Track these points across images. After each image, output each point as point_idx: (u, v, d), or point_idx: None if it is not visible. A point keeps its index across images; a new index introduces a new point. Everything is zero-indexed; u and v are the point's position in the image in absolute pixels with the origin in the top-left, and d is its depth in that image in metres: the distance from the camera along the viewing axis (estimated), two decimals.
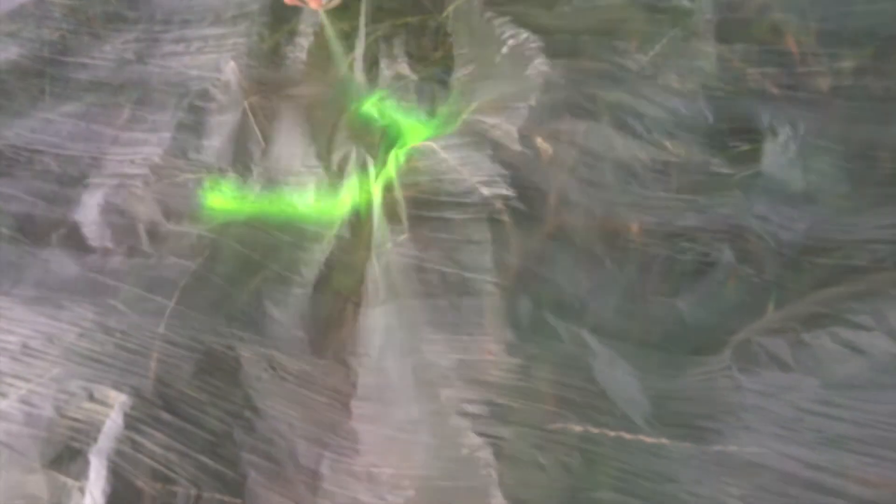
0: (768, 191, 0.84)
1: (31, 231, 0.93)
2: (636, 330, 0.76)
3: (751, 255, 0.80)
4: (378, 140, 1.01)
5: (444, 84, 1.07)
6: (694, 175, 0.87)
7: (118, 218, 0.93)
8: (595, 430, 0.65)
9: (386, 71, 1.10)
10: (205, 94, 1.09)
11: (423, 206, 0.86)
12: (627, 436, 0.65)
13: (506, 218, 0.84)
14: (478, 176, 0.88)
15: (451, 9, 1.12)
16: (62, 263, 0.87)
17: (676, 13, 1.01)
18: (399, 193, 0.89)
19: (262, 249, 0.91)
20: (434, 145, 0.93)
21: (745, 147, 0.88)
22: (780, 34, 0.97)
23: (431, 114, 1.02)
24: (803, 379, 0.67)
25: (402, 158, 0.94)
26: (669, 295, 0.78)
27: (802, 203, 0.84)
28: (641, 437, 0.65)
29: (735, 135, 0.90)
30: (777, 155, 0.86)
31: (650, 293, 0.79)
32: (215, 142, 1.02)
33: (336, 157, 1.01)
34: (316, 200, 0.97)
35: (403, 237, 0.84)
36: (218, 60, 1.14)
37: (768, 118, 0.90)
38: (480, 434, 0.66)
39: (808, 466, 0.63)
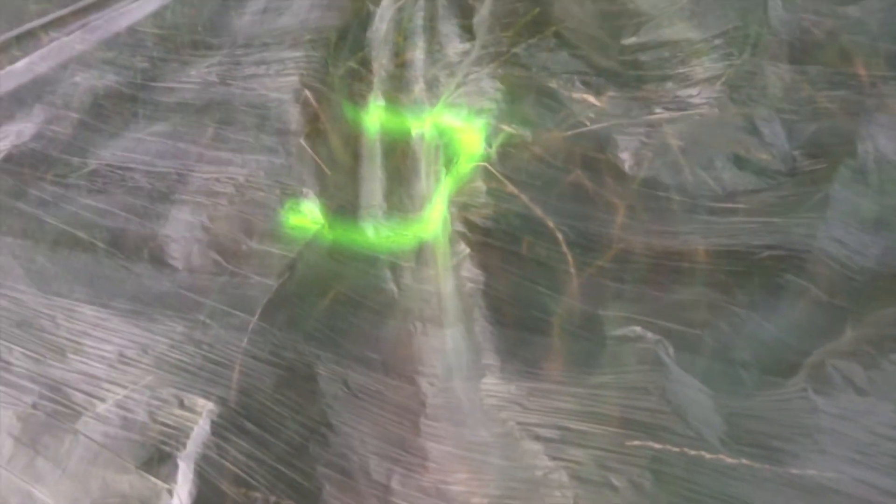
0: (842, 214, 0.84)
1: (124, 245, 0.98)
2: (710, 342, 0.76)
3: (822, 277, 0.80)
4: (441, 161, 1.03)
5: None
6: (766, 199, 0.88)
7: (204, 235, 0.99)
8: (669, 449, 0.66)
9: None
10: (284, 117, 1.15)
11: (488, 233, 0.89)
12: (700, 454, 0.66)
13: (569, 256, 0.86)
14: (539, 204, 0.91)
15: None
16: (154, 279, 0.93)
17: (744, 39, 1.02)
18: (462, 215, 0.91)
19: (336, 272, 0.94)
20: (493, 169, 0.95)
21: (819, 171, 0.89)
22: (850, 58, 0.97)
23: (490, 136, 1.02)
24: (879, 403, 0.67)
25: (463, 178, 0.96)
26: (741, 311, 0.79)
27: (875, 228, 0.84)
28: (717, 456, 0.66)
29: (808, 159, 0.91)
30: (850, 179, 0.87)
31: (722, 307, 0.79)
32: (294, 164, 1.06)
33: (404, 186, 1.05)
34: (386, 228, 1.01)
35: (465, 256, 0.87)
36: (295, 83, 1.19)
37: (840, 142, 0.90)
38: (553, 458, 0.68)
39: (883, 493, 0.63)
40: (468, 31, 1.20)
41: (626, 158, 0.96)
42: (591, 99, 1.02)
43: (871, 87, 0.94)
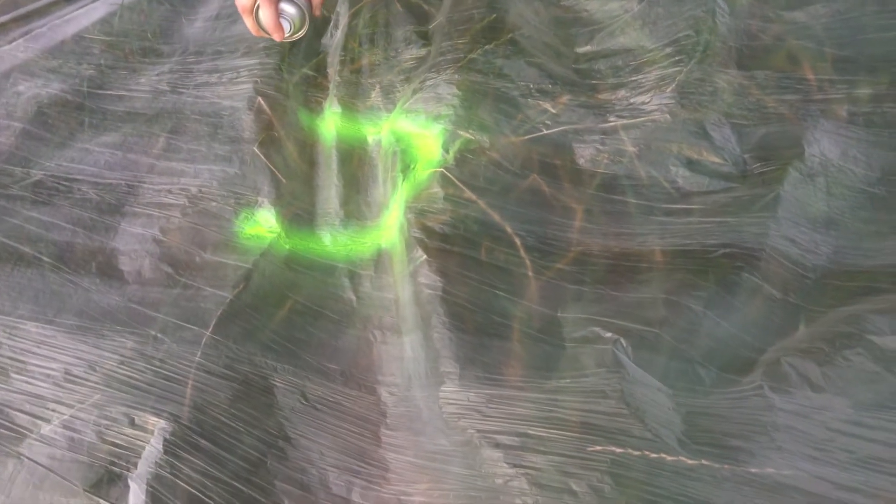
0: (792, 214, 0.86)
1: (71, 259, 0.95)
2: (668, 340, 0.77)
3: (776, 275, 0.81)
4: (398, 167, 1.02)
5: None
6: (719, 200, 0.89)
7: (156, 247, 0.96)
8: (629, 453, 0.67)
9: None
10: (237, 125, 1.12)
11: (446, 238, 0.88)
12: (660, 456, 0.67)
13: (527, 260, 0.86)
14: (496, 209, 0.91)
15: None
16: (103, 293, 0.90)
17: (694, 46, 1.04)
18: (419, 221, 0.90)
19: (293, 282, 0.93)
20: (450, 174, 0.94)
21: (769, 173, 0.90)
22: (797, 62, 0.99)
23: (448, 142, 1.01)
24: (833, 399, 0.68)
25: (421, 184, 0.96)
26: (698, 309, 0.79)
27: (826, 227, 0.85)
28: (677, 458, 0.66)
29: (758, 161, 0.92)
30: (799, 181, 0.88)
31: (680, 306, 0.80)
32: (248, 172, 1.04)
33: (361, 192, 1.04)
34: (343, 236, 1.00)
35: (423, 262, 0.86)
36: (249, 90, 1.17)
37: (789, 145, 0.92)
38: (514, 465, 0.68)
39: (840, 488, 0.64)
40: (424, 37, 1.19)
41: (582, 163, 0.96)
42: (547, 105, 1.02)
43: (818, 91, 0.96)
